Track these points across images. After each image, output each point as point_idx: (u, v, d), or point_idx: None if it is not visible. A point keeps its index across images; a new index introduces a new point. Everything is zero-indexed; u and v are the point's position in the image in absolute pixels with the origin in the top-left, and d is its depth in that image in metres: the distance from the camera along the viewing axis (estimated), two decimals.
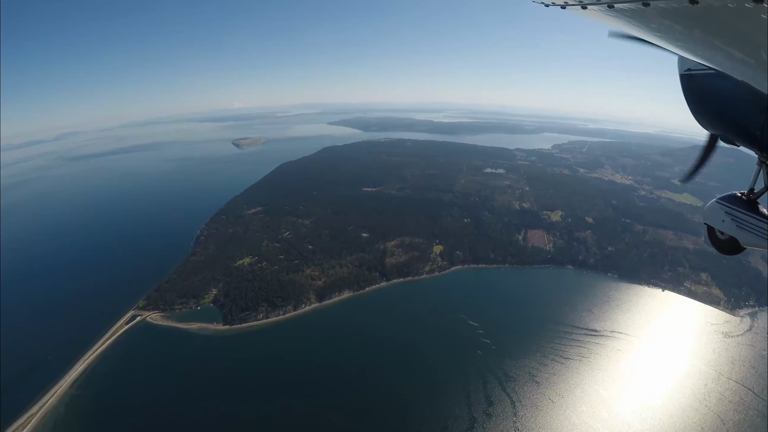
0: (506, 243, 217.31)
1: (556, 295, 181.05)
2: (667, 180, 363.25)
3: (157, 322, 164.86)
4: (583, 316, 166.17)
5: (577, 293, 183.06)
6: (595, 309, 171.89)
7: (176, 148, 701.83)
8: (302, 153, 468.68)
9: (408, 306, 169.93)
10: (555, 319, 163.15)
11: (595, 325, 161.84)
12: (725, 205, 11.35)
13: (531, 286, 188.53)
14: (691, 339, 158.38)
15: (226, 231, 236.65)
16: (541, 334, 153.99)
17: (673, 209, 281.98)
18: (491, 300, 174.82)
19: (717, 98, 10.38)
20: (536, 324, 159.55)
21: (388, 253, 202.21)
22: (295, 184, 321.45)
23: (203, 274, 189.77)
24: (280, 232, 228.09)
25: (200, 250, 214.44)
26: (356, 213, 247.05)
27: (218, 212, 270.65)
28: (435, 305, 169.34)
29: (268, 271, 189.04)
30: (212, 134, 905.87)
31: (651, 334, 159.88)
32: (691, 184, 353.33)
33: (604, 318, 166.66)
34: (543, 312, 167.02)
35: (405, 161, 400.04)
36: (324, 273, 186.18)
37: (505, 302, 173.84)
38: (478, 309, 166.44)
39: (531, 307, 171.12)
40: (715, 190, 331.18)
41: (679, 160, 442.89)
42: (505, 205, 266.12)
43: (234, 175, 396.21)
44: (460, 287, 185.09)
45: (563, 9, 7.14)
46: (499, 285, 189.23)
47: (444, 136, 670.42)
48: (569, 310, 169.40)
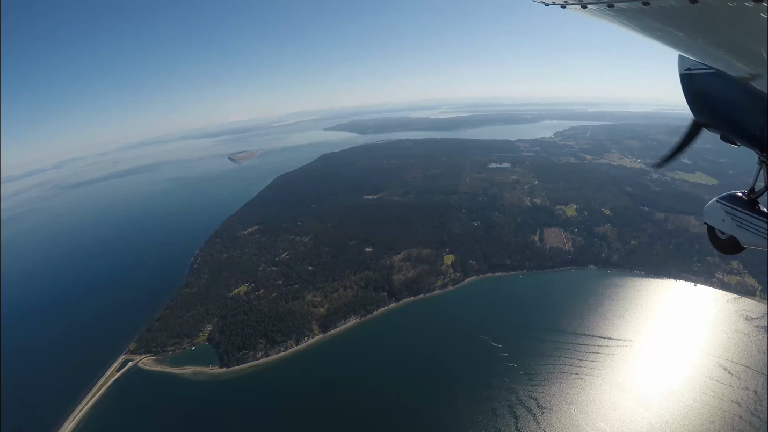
0: (522, 246, 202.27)
1: (583, 301, 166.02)
2: (677, 160, 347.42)
3: (149, 368, 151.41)
4: (615, 325, 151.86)
5: (604, 297, 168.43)
6: (626, 314, 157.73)
7: (172, 167, 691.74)
8: (299, 163, 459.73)
9: (421, 329, 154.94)
10: (585, 331, 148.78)
11: (630, 333, 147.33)
12: (725, 204, 11.24)
13: (554, 294, 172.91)
14: (734, 339, 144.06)
15: (220, 256, 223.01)
16: (571, 351, 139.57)
17: (689, 191, 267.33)
18: (512, 314, 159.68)
19: (717, 97, 10.22)
20: (565, 340, 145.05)
21: (394, 268, 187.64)
22: (292, 198, 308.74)
23: (196, 309, 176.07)
24: (278, 253, 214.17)
25: (193, 281, 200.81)
26: (357, 225, 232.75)
27: (213, 234, 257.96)
28: (451, 326, 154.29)
29: (265, 301, 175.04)
30: (208, 150, 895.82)
31: (691, 338, 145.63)
32: (702, 162, 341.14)
33: (639, 324, 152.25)
34: (571, 324, 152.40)
35: (405, 163, 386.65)
36: (326, 298, 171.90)
37: (527, 316, 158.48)
38: (498, 326, 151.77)
39: (557, 319, 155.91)
40: (726, 167, 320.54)
41: None
42: (516, 203, 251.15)
43: (230, 192, 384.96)
44: (477, 302, 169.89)
45: (563, 8, 7.12)
46: (518, 295, 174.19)
47: (443, 132, 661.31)
48: (600, 318, 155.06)
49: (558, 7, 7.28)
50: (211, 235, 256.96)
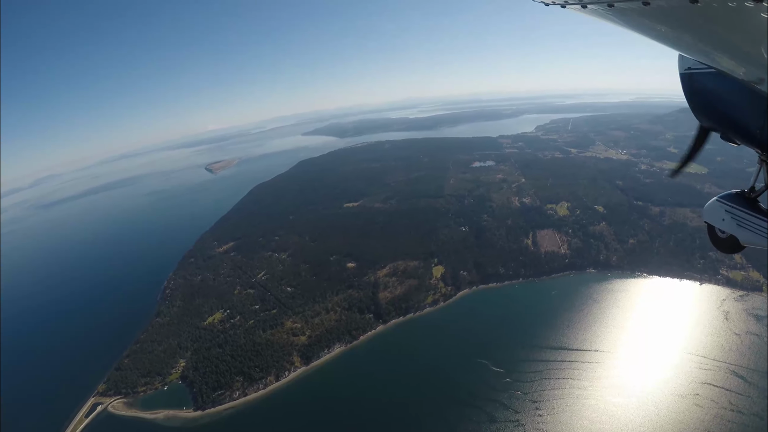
0: (515, 252, 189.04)
1: (587, 310, 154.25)
2: (664, 149, 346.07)
3: (120, 412, 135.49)
4: (623, 337, 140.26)
5: (608, 304, 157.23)
6: (633, 323, 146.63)
7: (149, 181, 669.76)
8: (277, 170, 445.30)
9: (413, 356, 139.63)
10: (593, 346, 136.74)
11: (639, 345, 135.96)
12: (725, 203, 11.16)
13: (554, 304, 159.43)
14: (747, 342, 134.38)
15: (194, 279, 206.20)
16: (581, 370, 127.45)
17: (680, 182, 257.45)
18: (511, 331, 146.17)
19: (717, 97, 10.15)
20: (573, 358, 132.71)
21: (380, 285, 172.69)
22: (270, 209, 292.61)
23: (168, 342, 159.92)
24: (254, 273, 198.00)
25: (165, 309, 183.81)
26: (338, 238, 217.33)
27: (188, 254, 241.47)
28: (446, 350, 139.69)
29: (241, 330, 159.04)
30: (186, 161, 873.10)
31: (703, 345, 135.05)
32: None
33: (647, 335, 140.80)
34: (577, 338, 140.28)
35: (386, 166, 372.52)
36: (307, 324, 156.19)
37: (528, 332, 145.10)
38: (498, 347, 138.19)
39: (561, 333, 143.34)
40: (714, 154, 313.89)
41: (670, 126, 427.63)
42: (505, 204, 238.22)
43: (206, 206, 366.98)
44: (472, 319, 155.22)
45: (563, 8, 7.12)
46: (516, 308, 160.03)
47: (423, 132, 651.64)
48: (606, 329, 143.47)
49: (558, 7, 7.14)
50: (185, 255, 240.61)
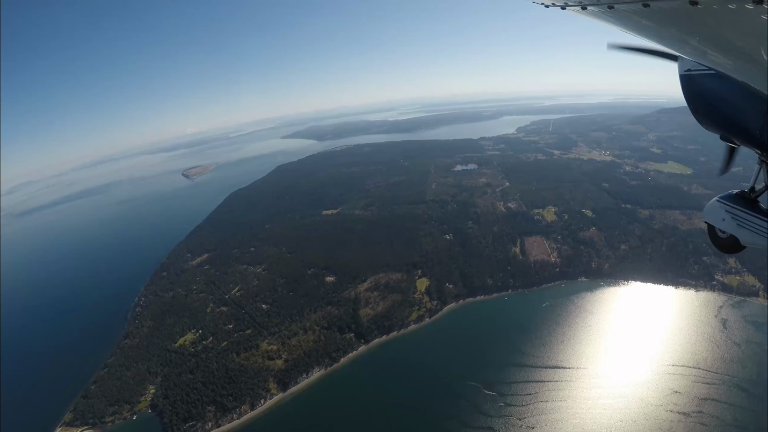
0: (503, 261, 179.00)
1: (580, 322, 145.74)
2: (647, 150, 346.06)
3: None
4: (621, 350, 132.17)
5: (602, 315, 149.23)
6: (632, 336, 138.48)
7: (125, 188, 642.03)
8: (254, 176, 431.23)
9: (398, 380, 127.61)
10: (587, 362, 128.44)
11: (639, 360, 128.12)
12: (726, 203, 11.29)
13: (546, 316, 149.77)
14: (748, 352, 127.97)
15: (165, 296, 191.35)
16: (574, 387, 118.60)
17: (667, 183, 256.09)
18: (502, 348, 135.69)
19: (717, 98, 10.20)
20: (567, 377, 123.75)
21: (361, 301, 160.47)
22: (245, 218, 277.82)
23: (137, 366, 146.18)
24: (228, 289, 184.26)
25: (134, 330, 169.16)
26: (316, 248, 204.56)
27: (160, 267, 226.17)
28: (433, 372, 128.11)
29: (214, 353, 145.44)
30: (163, 166, 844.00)
31: (705, 358, 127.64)
32: (672, 151, 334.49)
33: (647, 347, 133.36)
34: (571, 354, 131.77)
35: (366, 171, 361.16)
36: (284, 346, 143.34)
37: (520, 349, 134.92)
38: (488, 366, 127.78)
39: (554, 348, 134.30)
40: (697, 154, 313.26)
41: (651, 126, 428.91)
42: (490, 210, 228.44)
43: (181, 214, 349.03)
44: (460, 336, 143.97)
45: (563, 9, 7.13)
46: (506, 323, 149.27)
47: (402, 135, 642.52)
48: (601, 343, 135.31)
49: (558, 9, 7.13)
50: (157, 268, 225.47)
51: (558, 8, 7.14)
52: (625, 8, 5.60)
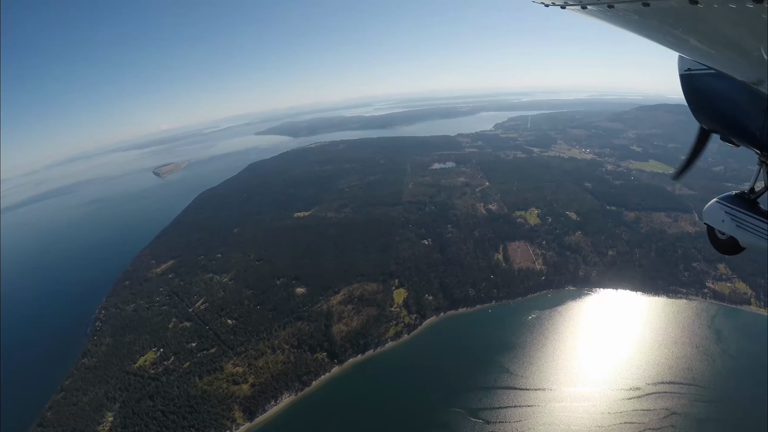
0: (485, 269, 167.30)
1: (570, 336, 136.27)
2: (627, 148, 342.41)
3: None
4: (615, 367, 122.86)
5: (594, 328, 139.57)
6: (625, 349, 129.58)
7: (95, 187, 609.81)
8: (226, 174, 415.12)
9: (375, 408, 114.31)
10: (581, 382, 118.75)
11: (638, 376, 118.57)
12: (725, 204, 11.23)
13: (533, 329, 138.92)
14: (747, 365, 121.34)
15: (126, 309, 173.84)
16: (567, 410, 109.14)
17: (650, 183, 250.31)
18: (486, 368, 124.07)
19: (717, 98, 10.18)
20: (560, 397, 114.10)
21: (333, 315, 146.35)
22: (214, 221, 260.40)
23: (94, 391, 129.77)
24: (192, 301, 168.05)
25: (93, 348, 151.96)
26: (287, 255, 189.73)
27: (123, 275, 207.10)
28: (413, 397, 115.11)
29: (175, 376, 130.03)
30: (135, 164, 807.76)
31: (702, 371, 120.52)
32: (652, 149, 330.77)
33: (642, 362, 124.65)
34: (563, 373, 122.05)
35: (340, 169, 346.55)
36: (250, 368, 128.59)
37: (506, 368, 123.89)
38: (473, 389, 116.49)
39: (543, 366, 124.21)
40: (678, 152, 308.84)
41: (630, 124, 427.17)
42: (470, 212, 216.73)
43: (148, 215, 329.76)
44: (441, 355, 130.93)
45: (563, 9, 7.13)
46: (490, 338, 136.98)
47: (378, 131, 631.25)
48: (595, 360, 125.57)
49: (558, 8, 7.16)
50: (120, 276, 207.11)
51: (558, 7, 7.00)
52: (625, 8, 5.59)
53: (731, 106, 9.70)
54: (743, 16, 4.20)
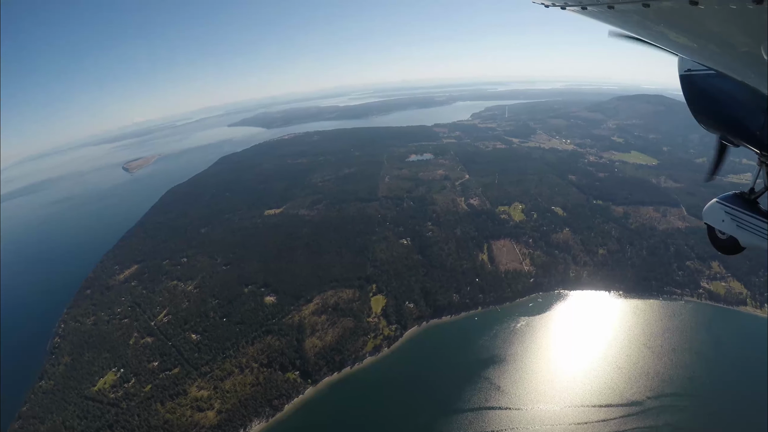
0: (469, 272, 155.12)
1: (563, 346, 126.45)
2: (608, 139, 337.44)
3: None
4: (614, 381, 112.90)
5: (587, 335, 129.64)
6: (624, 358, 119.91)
7: (64, 184, 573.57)
8: (196, 168, 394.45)
9: (353, 430, 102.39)
10: (579, 400, 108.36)
11: (640, 392, 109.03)
12: (725, 204, 11.10)
13: (524, 339, 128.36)
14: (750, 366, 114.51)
15: (86, 322, 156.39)
16: None
17: (634, 175, 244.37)
18: (476, 385, 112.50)
19: (717, 98, 10.07)
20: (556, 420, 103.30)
21: (306, 328, 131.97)
22: (180, 221, 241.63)
23: (52, 419, 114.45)
24: (155, 313, 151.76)
25: (51, 368, 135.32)
26: (256, 259, 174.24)
27: (85, 283, 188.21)
28: (395, 422, 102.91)
29: (136, 401, 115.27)
30: (105, 159, 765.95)
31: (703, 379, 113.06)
32: (633, 140, 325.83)
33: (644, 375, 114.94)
34: (559, 389, 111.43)
35: (314, 162, 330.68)
36: (216, 390, 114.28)
37: (495, 383, 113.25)
38: (462, 411, 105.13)
39: (535, 383, 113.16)
40: (659, 143, 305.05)
41: (610, 114, 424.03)
42: (450, 208, 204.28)
43: (115, 215, 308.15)
44: (425, 370, 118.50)
45: (563, 9, 7.12)
46: (477, 349, 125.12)
47: (353, 121, 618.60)
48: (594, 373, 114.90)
49: (558, 9, 7.12)
50: (81, 284, 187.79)
51: (558, 8, 7.01)
52: (625, 8, 5.57)
53: (731, 106, 9.57)
54: (743, 16, 4.19)
